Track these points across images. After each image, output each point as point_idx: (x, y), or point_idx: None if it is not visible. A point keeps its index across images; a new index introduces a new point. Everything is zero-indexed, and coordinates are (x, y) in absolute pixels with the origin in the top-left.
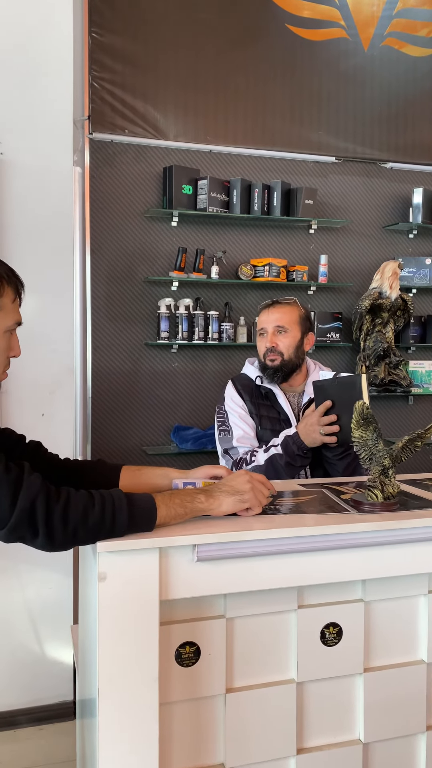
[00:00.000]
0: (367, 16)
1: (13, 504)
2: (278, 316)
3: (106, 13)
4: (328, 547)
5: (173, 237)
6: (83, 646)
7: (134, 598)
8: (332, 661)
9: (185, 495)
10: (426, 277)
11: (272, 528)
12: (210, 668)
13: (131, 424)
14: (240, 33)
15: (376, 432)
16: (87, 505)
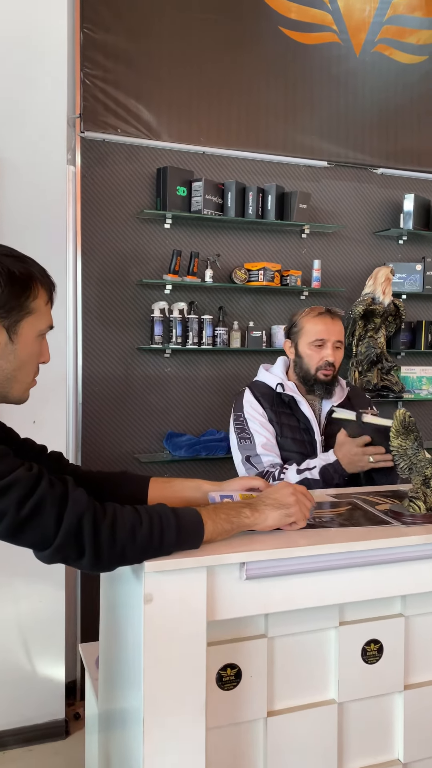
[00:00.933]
0: (358, 21)
1: (59, 522)
2: (338, 329)
3: (99, 10)
4: (377, 561)
5: (166, 239)
6: (110, 665)
7: (181, 620)
8: (373, 679)
9: (230, 509)
10: (416, 282)
11: (322, 543)
12: (251, 691)
13: (123, 431)
14: (233, 34)
15: (417, 441)
16: (135, 523)
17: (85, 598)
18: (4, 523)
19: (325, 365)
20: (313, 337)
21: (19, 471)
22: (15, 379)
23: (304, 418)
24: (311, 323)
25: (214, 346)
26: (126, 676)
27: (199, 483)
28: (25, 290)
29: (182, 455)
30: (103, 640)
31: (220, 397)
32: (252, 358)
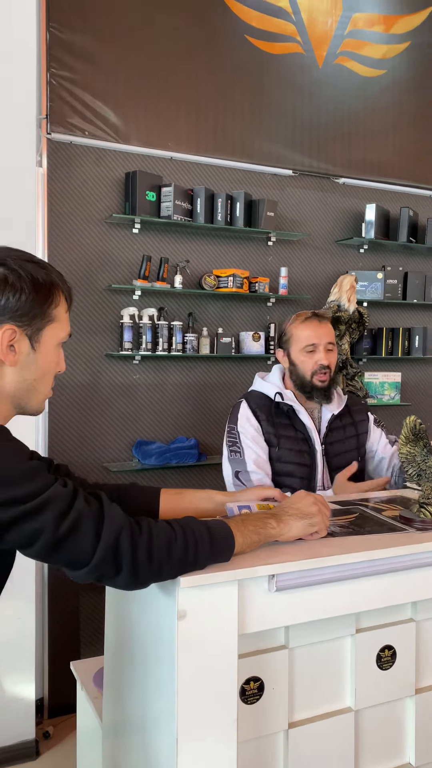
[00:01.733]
0: (320, 33)
1: (97, 540)
2: (327, 331)
3: (64, 8)
4: (396, 568)
5: (135, 244)
6: (123, 679)
7: (214, 635)
8: (387, 685)
9: (257, 521)
10: (377, 290)
11: (348, 552)
12: (273, 704)
13: (91, 439)
14: (201, 41)
15: (426, 448)
16: (170, 538)
17: (53, 615)
18: (41, 541)
19: (320, 369)
20: (303, 343)
21: (55, 487)
22: (35, 389)
23: (303, 427)
24: (299, 329)
25: (183, 352)
26: (150, 690)
27: (210, 493)
28: (47, 297)
29: (152, 463)
30: (113, 656)
31: (190, 404)
32: (221, 365)
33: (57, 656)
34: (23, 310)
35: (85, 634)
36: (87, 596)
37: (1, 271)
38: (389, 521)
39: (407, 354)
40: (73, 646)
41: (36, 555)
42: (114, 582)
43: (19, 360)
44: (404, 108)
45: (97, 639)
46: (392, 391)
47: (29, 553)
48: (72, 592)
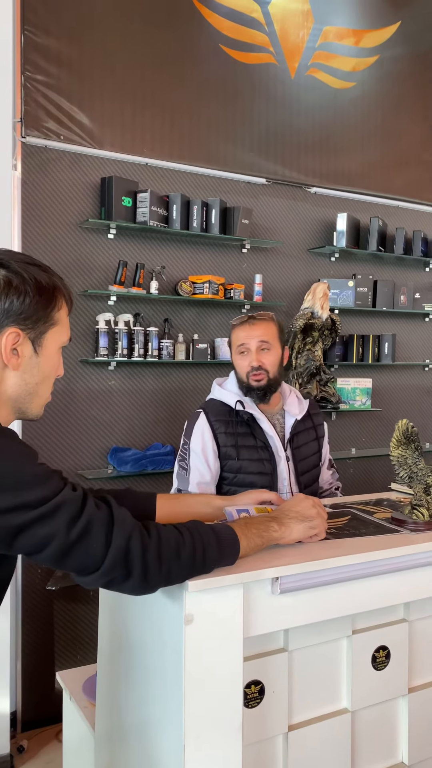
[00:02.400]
0: (293, 45)
1: (108, 544)
2: (261, 332)
3: (40, 11)
4: (394, 569)
5: (110, 249)
6: (120, 685)
7: (220, 639)
8: (381, 686)
9: (259, 524)
10: (348, 298)
11: (350, 554)
12: (273, 707)
13: (66, 446)
14: (176, 49)
15: (418, 450)
16: (179, 541)
17: (25, 626)
18: (53, 546)
19: (253, 370)
20: (236, 344)
21: (66, 491)
22: (36, 393)
23: (262, 435)
24: (234, 333)
25: (159, 358)
26: (153, 696)
27: (208, 498)
28: (51, 301)
29: (128, 470)
30: (108, 663)
31: (166, 410)
32: (197, 371)
33: (30, 668)
34: (27, 314)
35: (60, 644)
36: (61, 606)
37: (5, 274)
38: (382, 523)
39: (377, 360)
40: (47, 657)
41: (46, 560)
42: (123, 587)
43: (21, 363)
44: (373, 120)
45: (73, 649)
46: (363, 397)
47: (38, 559)
48: (45, 603)
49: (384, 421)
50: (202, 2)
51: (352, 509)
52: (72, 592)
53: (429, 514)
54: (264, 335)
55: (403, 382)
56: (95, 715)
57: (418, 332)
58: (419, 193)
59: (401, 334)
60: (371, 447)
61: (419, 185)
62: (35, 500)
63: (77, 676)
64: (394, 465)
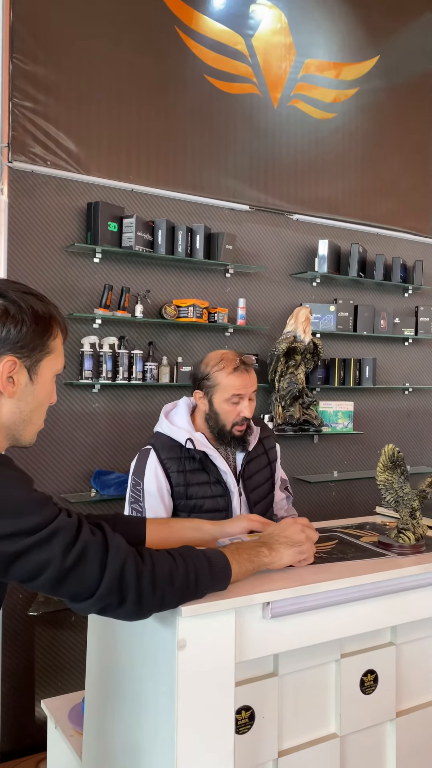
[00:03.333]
0: (276, 76)
1: (102, 570)
2: (254, 380)
3: (28, 41)
4: (383, 592)
5: (95, 273)
6: (109, 711)
7: (212, 664)
8: (370, 710)
9: (250, 549)
10: (330, 322)
11: (339, 578)
12: (263, 733)
13: (48, 470)
14: (162, 78)
15: (403, 475)
16: (172, 567)
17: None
18: (48, 572)
19: (241, 421)
20: (230, 392)
21: (61, 518)
22: (30, 420)
23: (215, 471)
24: (228, 379)
25: (143, 381)
26: (144, 723)
27: (198, 523)
28: (47, 330)
29: (111, 494)
30: (96, 691)
31: (149, 433)
32: (181, 393)
33: (10, 696)
34: (24, 342)
35: (41, 671)
36: (43, 632)
37: (3, 303)
38: (370, 547)
39: (358, 384)
40: (27, 684)
41: (41, 587)
42: (117, 613)
43: (17, 391)
44: (353, 150)
45: (54, 676)
46: (345, 420)
47: (33, 586)
48: (26, 629)
49: (366, 444)
50: (187, 33)
51: (339, 533)
52: (54, 617)
53: (415, 537)
54: (255, 383)
55: (384, 406)
56: (82, 744)
57: (397, 356)
58: (398, 220)
59: (381, 358)
60: (353, 470)
61: (398, 213)
62: (31, 527)
63: (62, 703)
64: (381, 489)
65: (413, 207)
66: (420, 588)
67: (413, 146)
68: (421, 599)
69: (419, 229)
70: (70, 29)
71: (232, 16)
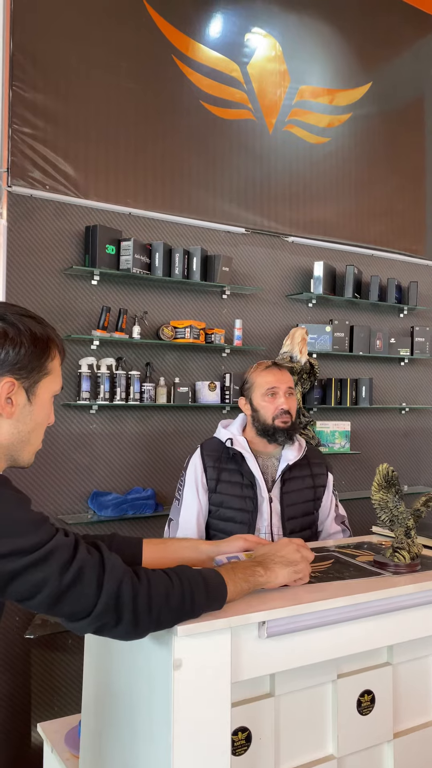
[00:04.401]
0: (270, 102)
1: (99, 589)
2: (287, 378)
3: (28, 69)
4: (379, 611)
5: (93, 295)
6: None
7: (208, 684)
8: (367, 731)
9: (245, 569)
10: (326, 343)
11: (335, 597)
12: (260, 755)
13: (45, 490)
14: (158, 104)
15: (398, 494)
16: (168, 586)
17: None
18: (45, 591)
19: (281, 413)
20: (264, 387)
21: (58, 537)
22: (28, 441)
23: (249, 474)
24: (261, 376)
25: (141, 401)
26: (140, 745)
27: (195, 543)
28: (45, 351)
29: (108, 515)
30: (93, 713)
31: (147, 454)
32: (178, 414)
33: (4, 720)
34: (22, 364)
35: (37, 695)
36: (38, 655)
37: (1, 326)
38: (365, 566)
39: (355, 404)
40: (23, 708)
41: (37, 606)
42: (114, 632)
43: (15, 412)
44: (347, 173)
45: (50, 700)
46: (342, 440)
47: (30, 605)
48: (22, 651)
49: (363, 464)
50: (184, 61)
51: (335, 553)
52: (50, 640)
53: (410, 556)
54: (290, 381)
55: (381, 426)
56: (79, 767)
57: (394, 376)
58: (392, 242)
59: (378, 378)
60: (351, 490)
61: (392, 235)
62: (28, 546)
63: (59, 727)
64: (376, 509)
65: (407, 229)
66: (416, 607)
67: (406, 169)
68: (417, 618)
69: (414, 250)
70: (68, 57)
71: (227, 44)
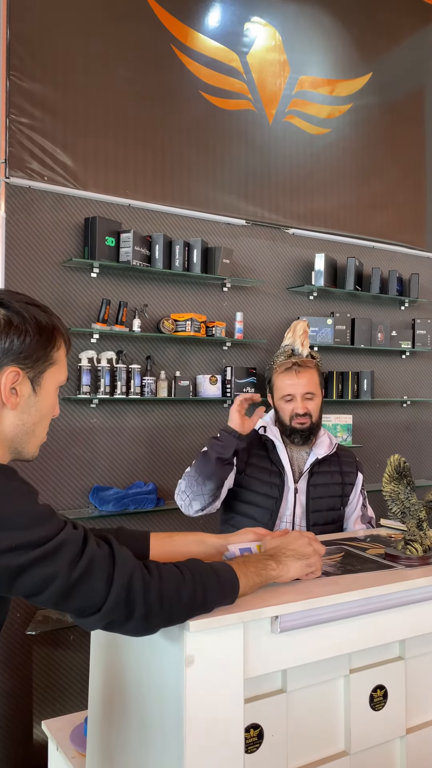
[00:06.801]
0: (270, 93)
1: (110, 584)
2: (306, 381)
3: (26, 59)
4: (392, 605)
5: (93, 288)
6: (114, 732)
7: (221, 681)
8: (379, 727)
9: (257, 562)
10: (327, 335)
11: (348, 591)
12: (272, 752)
13: (46, 485)
14: (158, 95)
15: (410, 486)
16: (179, 580)
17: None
18: (54, 586)
19: (295, 415)
20: (281, 393)
21: (67, 530)
22: (33, 433)
23: (279, 462)
24: (279, 379)
25: (142, 395)
26: (150, 743)
27: (202, 536)
28: (50, 340)
29: (110, 510)
30: (100, 711)
31: (148, 448)
32: (179, 408)
33: (6, 718)
34: (27, 353)
35: (39, 692)
36: (40, 651)
37: (6, 314)
38: (377, 559)
39: (356, 397)
40: (25, 706)
41: (46, 602)
42: (125, 628)
43: (20, 403)
44: (348, 164)
45: (53, 697)
46: (344, 433)
47: (38, 601)
48: (24, 648)
49: (365, 458)
50: (183, 51)
51: (345, 546)
52: (52, 637)
53: (422, 549)
54: (308, 386)
55: (383, 419)
56: (85, 765)
57: (395, 369)
58: (393, 234)
59: (379, 371)
60: None
61: (393, 227)
62: (37, 540)
63: (64, 724)
64: (387, 500)
65: (409, 221)
66: (429, 601)
67: (407, 161)
68: (429, 612)
69: (415, 242)
70: (67, 47)
71: (227, 33)
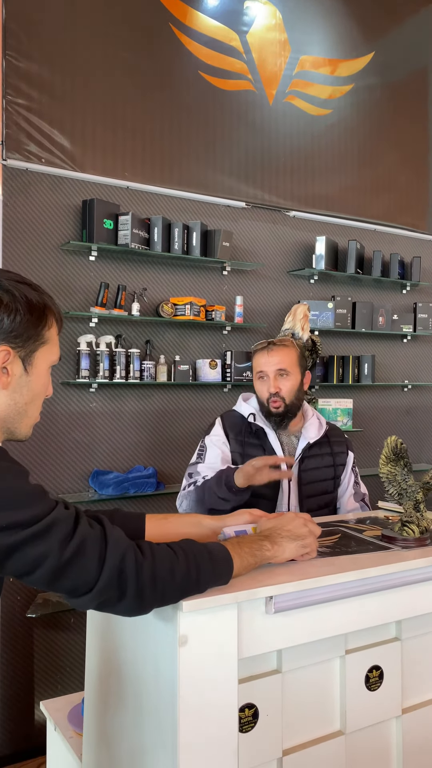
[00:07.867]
0: (271, 73)
1: (102, 563)
2: (278, 359)
3: (22, 39)
4: (388, 586)
5: (92, 272)
6: (109, 713)
7: (214, 661)
8: (375, 707)
9: (252, 543)
10: (328, 319)
11: (344, 572)
12: (268, 731)
13: (45, 469)
14: (157, 75)
15: (407, 467)
16: (173, 560)
17: (3, 655)
18: (46, 566)
19: (269, 396)
20: (255, 370)
21: (58, 509)
22: (25, 413)
23: (271, 450)
24: (255, 359)
25: (141, 380)
26: (145, 722)
27: (198, 518)
28: (41, 319)
29: (110, 494)
30: (96, 691)
31: (147, 432)
32: (179, 392)
33: (9, 699)
34: (18, 332)
35: (40, 674)
36: (41, 634)
37: None
38: (373, 540)
39: (357, 381)
40: (27, 687)
41: (38, 582)
42: (117, 608)
43: (11, 383)
44: (349, 146)
45: (53, 678)
46: (345, 417)
47: (30, 581)
48: (25, 631)
49: (365, 441)
50: (182, 30)
51: (342, 527)
52: (52, 619)
53: (419, 530)
54: (281, 362)
55: (383, 403)
56: (82, 745)
57: (396, 353)
58: (395, 217)
59: (380, 355)
60: None
61: (395, 209)
62: (28, 519)
63: (62, 705)
64: (384, 482)
65: (411, 203)
66: (425, 582)
67: (410, 142)
68: (426, 593)
69: (417, 225)
70: (63, 26)
71: (226, 12)
